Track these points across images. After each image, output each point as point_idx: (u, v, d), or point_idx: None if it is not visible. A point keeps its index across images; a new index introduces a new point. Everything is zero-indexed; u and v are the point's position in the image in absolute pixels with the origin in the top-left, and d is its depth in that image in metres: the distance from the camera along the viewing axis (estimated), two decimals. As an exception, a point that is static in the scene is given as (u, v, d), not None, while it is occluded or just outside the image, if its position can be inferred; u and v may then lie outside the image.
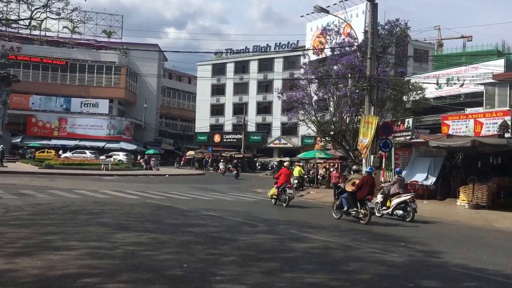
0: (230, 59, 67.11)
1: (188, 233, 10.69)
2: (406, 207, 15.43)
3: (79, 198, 17.16)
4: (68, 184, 23.65)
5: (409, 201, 15.42)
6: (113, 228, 10.90)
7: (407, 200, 15.46)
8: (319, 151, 32.79)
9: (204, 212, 14.65)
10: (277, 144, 62.28)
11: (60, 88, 63.72)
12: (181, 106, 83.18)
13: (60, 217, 12.38)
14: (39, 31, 66.10)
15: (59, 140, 61.23)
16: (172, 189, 24.10)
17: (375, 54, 23.47)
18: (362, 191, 14.13)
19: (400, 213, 15.48)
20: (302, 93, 29.27)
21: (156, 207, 15.70)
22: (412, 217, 15.18)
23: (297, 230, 11.93)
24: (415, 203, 15.43)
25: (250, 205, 18.23)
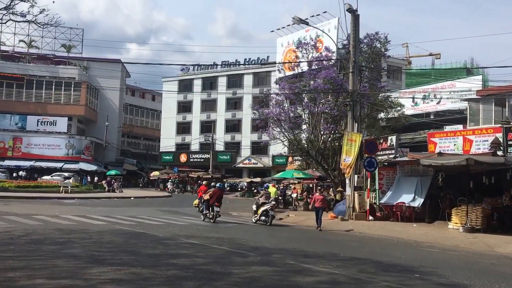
0: (197, 75, 65.24)
1: (173, 266, 9.22)
2: (268, 214, 19.16)
3: (40, 225, 15.27)
4: (25, 208, 21.53)
5: (269, 209, 19.23)
6: (85, 261, 9.31)
7: (267, 209, 19.22)
8: (297, 171, 31.65)
9: (183, 240, 13.12)
10: (246, 164, 60.61)
11: (15, 105, 60.35)
12: (144, 124, 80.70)
13: (21, 248, 10.65)
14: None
15: (13, 160, 57.78)
16: (141, 213, 22.44)
17: (357, 68, 22.65)
18: (212, 200, 18.99)
19: (263, 218, 19.25)
20: (278, 109, 28.10)
21: (128, 234, 14.03)
22: (271, 222, 19.05)
23: (294, 260, 10.56)
24: (273, 211, 19.64)
25: (231, 231, 16.75)
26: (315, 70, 28.37)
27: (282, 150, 52.90)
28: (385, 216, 21.88)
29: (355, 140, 21.91)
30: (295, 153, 44.14)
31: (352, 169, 21.95)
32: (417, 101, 38.43)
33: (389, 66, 43.72)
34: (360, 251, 12.83)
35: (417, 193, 21.15)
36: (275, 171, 57.99)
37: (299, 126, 29.15)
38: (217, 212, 18.86)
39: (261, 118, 30.33)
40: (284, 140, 30.27)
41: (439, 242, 15.46)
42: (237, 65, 62.28)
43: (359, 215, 21.47)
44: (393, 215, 21.58)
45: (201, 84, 64.30)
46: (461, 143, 23.06)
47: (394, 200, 21.77)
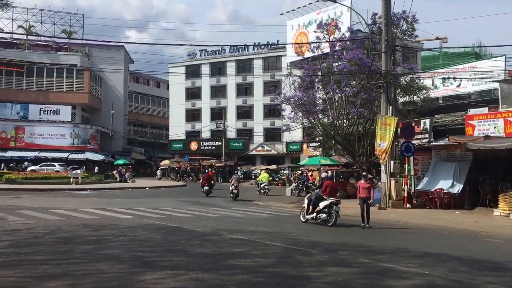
0: (204, 60, 62.99)
1: (236, 268, 7.86)
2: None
3: (62, 220, 13.86)
4: (39, 202, 20.18)
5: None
6: (132, 265, 7.97)
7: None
8: (324, 157, 30.14)
9: (228, 235, 11.73)
10: (260, 151, 58.88)
11: (15, 93, 58.22)
12: (150, 112, 78.84)
13: (50, 248, 9.26)
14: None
15: (16, 151, 55.86)
16: (163, 204, 21.05)
17: (390, 47, 21.05)
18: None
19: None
20: (301, 93, 26.53)
21: (164, 229, 12.62)
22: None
23: (366, 257, 9.17)
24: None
25: (272, 223, 15.32)
26: (339, 52, 26.73)
27: (297, 137, 51.52)
28: (422, 203, 20.52)
29: (390, 124, 20.44)
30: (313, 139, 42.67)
31: (388, 155, 20.54)
32: (436, 84, 36.85)
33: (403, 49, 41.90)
34: (426, 245, 11.46)
35: (455, 178, 19.83)
36: (289, 158, 56.79)
37: (323, 110, 27.53)
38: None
39: (282, 102, 28.68)
40: (307, 125, 28.75)
41: (496, 231, 14.13)
42: (245, 50, 60.36)
43: (396, 203, 20.17)
44: (430, 202, 20.24)
45: (209, 70, 62.29)
46: (502, 125, 21.63)
47: (431, 187, 20.45)
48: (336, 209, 14.62)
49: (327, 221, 14.59)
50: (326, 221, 14.62)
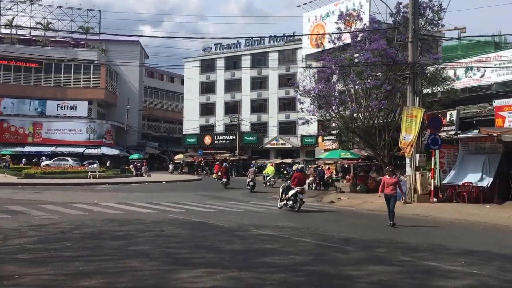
0: (219, 54, 62.60)
1: (272, 266, 7.51)
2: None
3: (85, 215, 13.63)
4: (59, 196, 20.06)
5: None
6: (164, 262, 7.69)
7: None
8: (344, 150, 29.64)
9: (255, 231, 11.40)
10: (274, 145, 58.39)
11: (34, 90, 58.74)
12: (164, 106, 78.77)
13: (79, 244, 9.00)
14: (10, 29, 61.28)
15: (34, 146, 56.28)
16: (183, 198, 20.82)
17: (418, 37, 20.49)
18: None
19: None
20: (322, 85, 26.05)
21: (189, 224, 12.34)
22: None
23: (406, 255, 8.80)
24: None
25: (296, 218, 14.94)
26: (361, 42, 26.17)
27: (313, 130, 51.04)
28: (449, 197, 19.99)
29: (416, 116, 19.91)
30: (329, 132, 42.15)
31: (413, 148, 20.02)
32: (459, 75, 35.99)
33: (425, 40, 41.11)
34: (464, 241, 11.00)
35: (484, 171, 19.19)
36: (304, 151, 56.33)
37: (342, 102, 27.03)
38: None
39: (301, 95, 28.18)
40: (327, 118, 28.30)
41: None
42: (261, 43, 59.83)
43: (422, 197, 19.66)
44: (457, 196, 19.69)
45: (224, 64, 61.92)
46: (535, 117, 20.94)
47: (458, 180, 19.84)
48: (301, 197, 16.48)
49: (293, 207, 16.39)
50: (292, 207, 16.45)
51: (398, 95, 25.72)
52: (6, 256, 7.80)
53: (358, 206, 19.98)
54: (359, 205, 20.16)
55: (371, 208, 18.93)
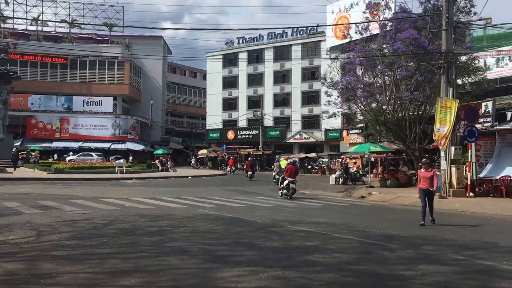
0: (242, 48, 62.24)
1: (317, 265, 7.14)
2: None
3: (117, 210, 13.47)
4: (89, 191, 20.03)
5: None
6: (203, 260, 7.38)
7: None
8: (374, 144, 29.04)
9: (291, 227, 11.05)
10: (297, 139, 57.93)
11: (60, 86, 59.48)
12: (187, 102, 78.95)
13: (113, 240, 8.77)
14: (36, 27, 62.03)
15: (61, 142, 56.97)
16: (210, 193, 20.55)
17: (452, 25, 19.77)
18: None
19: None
20: (352, 77, 25.48)
21: (222, 220, 12.03)
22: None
23: (457, 253, 8.36)
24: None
25: (330, 213, 14.52)
26: (391, 32, 25.49)
27: (337, 124, 50.45)
28: (485, 192, 19.27)
29: (451, 107, 19.23)
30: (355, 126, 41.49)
31: (448, 140, 19.37)
32: (489, 65, 34.89)
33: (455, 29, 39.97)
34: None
35: (525, 165, 18.47)
36: (328, 145, 55.67)
37: (371, 94, 26.42)
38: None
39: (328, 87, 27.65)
40: (354, 110, 27.75)
41: None
42: (284, 36, 59.23)
43: (457, 192, 19.03)
44: (495, 190, 18.99)
45: (247, 58, 61.58)
46: None
47: (496, 174, 19.11)
48: (292, 186, 18.80)
49: (287, 194, 18.96)
50: (286, 194, 19.01)
51: (428, 86, 25.05)
52: (41, 253, 7.59)
53: (391, 201, 19.45)
54: (392, 200, 19.63)
55: (405, 203, 18.41)
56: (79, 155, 48.70)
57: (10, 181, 25.17)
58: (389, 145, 29.67)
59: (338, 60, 28.33)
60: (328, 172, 42.54)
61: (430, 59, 21.85)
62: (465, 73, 25.32)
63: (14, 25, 62.10)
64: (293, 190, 18.84)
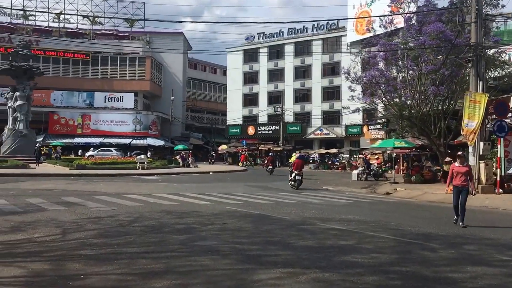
0: (263, 43, 61.97)
1: (357, 266, 6.78)
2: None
3: (142, 206, 13.25)
4: (112, 187, 19.89)
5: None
6: (236, 260, 7.06)
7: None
8: (398, 139, 28.47)
9: (322, 224, 10.68)
10: (318, 135, 57.49)
11: (82, 82, 59.90)
12: (207, 98, 78.96)
13: (141, 239, 8.49)
14: (58, 23, 62.49)
15: (83, 138, 57.37)
16: (233, 189, 20.29)
17: (481, 17, 19.10)
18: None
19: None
20: (376, 72, 24.94)
21: (250, 217, 11.71)
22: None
23: (501, 253, 7.97)
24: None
25: (359, 210, 14.10)
26: (416, 25, 24.87)
27: (357, 119, 49.92)
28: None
29: (480, 102, 18.62)
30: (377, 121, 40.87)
31: (477, 135, 18.76)
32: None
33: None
34: None
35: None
36: (348, 141, 55.10)
37: (395, 89, 25.85)
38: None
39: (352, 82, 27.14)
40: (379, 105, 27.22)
41: None
42: (304, 31, 58.66)
43: (486, 188, 18.46)
44: (524, 186, 18.35)
45: (267, 53, 61.21)
46: None
47: (524, 170, 18.49)
48: (298, 178, 21.03)
49: (294, 185, 21.14)
50: (293, 185, 21.15)
51: (455, 81, 24.45)
52: (68, 252, 7.33)
53: (418, 198, 18.96)
54: (419, 197, 19.13)
55: (432, 200, 17.94)
56: (98, 151, 48.99)
57: (33, 176, 25.24)
58: (413, 140, 29.05)
59: (362, 54, 27.72)
60: (349, 168, 42.10)
61: (457, 53, 21.29)
62: (492, 67, 24.58)
63: (37, 21, 62.56)
64: (299, 182, 21.01)
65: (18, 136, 35.57)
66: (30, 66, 37.53)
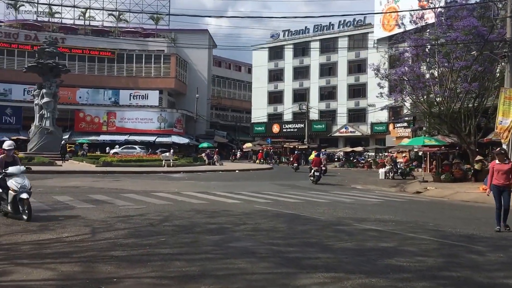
0: (288, 41, 61.49)
1: (403, 271, 6.35)
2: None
3: (170, 204, 13.02)
4: (139, 185, 19.79)
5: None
6: (274, 263, 6.69)
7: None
8: (428, 137, 27.75)
9: (358, 225, 10.27)
10: (343, 133, 56.84)
11: (107, 80, 60.26)
12: (231, 95, 78.81)
13: (173, 239, 8.22)
14: (83, 21, 63.03)
15: (108, 135, 57.70)
16: (261, 188, 19.96)
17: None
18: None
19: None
20: (407, 68, 24.32)
21: (282, 217, 11.34)
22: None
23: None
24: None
25: (393, 210, 13.55)
26: (448, 20, 24.14)
27: (383, 117, 49.17)
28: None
29: (516, 98, 17.88)
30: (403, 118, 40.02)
31: (511, 133, 18.01)
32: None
33: None
34: None
35: None
36: (374, 139, 54.34)
37: (427, 86, 25.18)
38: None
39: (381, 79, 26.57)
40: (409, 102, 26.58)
41: None
42: (330, 28, 57.98)
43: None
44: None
45: (293, 51, 60.69)
46: None
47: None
48: (316, 174, 23.06)
49: (313, 180, 23.08)
50: (313, 180, 23.09)
51: (486, 77, 23.72)
52: (99, 253, 7.06)
53: (450, 197, 18.34)
54: (451, 196, 18.49)
55: (466, 199, 17.34)
56: (122, 148, 49.19)
57: (60, 174, 25.34)
58: (443, 138, 28.28)
59: (392, 50, 27.10)
60: (374, 166, 41.43)
61: (490, 49, 20.61)
62: None
63: (62, 19, 63.18)
64: (317, 177, 23.04)
65: (45, 134, 35.76)
66: (57, 63, 37.66)
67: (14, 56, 57.36)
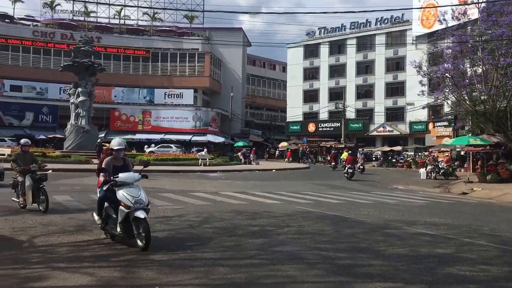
0: (324, 38, 60.56)
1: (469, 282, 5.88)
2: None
3: (209, 205, 12.71)
4: (176, 184, 19.61)
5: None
6: (326, 270, 6.24)
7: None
8: (473, 136, 26.68)
9: (407, 228, 9.70)
10: (381, 132, 55.63)
11: (142, 79, 60.63)
12: (266, 94, 78.33)
13: (215, 243, 7.87)
14: (119, 20, 63.73)
15: (143, 134, 58.15)
16: (300, 188, 19.52)
17: None
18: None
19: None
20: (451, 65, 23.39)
21: (326, 219, 10.84)
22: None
23: None
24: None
25: (441, 212, 12.82)
26: (492, 16, 23.09)
27: (422, 116, 47.91)
28: None
29: None
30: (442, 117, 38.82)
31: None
32: None
33: None
34: None
35: None
36: (413, 138, 53.06)
37: (471, 83, 24.17)
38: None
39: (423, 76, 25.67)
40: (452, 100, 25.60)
41: None
42: (367, 26, 56.87)
43: None
44: None
45: (328, 49, 59.78)
46: None
47: None
48: (350, 171, 24.97)
49: (347, 177, 24.87)
50: (347, 177, 24.86)
51: None
52: (138, 256, 6.74)
53: (499, 199, 17.50)
54: (500, 198, 17.64)
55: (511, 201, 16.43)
56: (158, 147, 49.48)
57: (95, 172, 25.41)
58: (488, 137, 27.10)
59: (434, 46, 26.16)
60: (414, 166, 40.34)
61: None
62: None
63: (98, 18, 63.99)
64: (351, 174, 25.00)
65: (81, 132, 36.11)
66: (92, 62, 37.96)
67: (50, 55, 58.35)
